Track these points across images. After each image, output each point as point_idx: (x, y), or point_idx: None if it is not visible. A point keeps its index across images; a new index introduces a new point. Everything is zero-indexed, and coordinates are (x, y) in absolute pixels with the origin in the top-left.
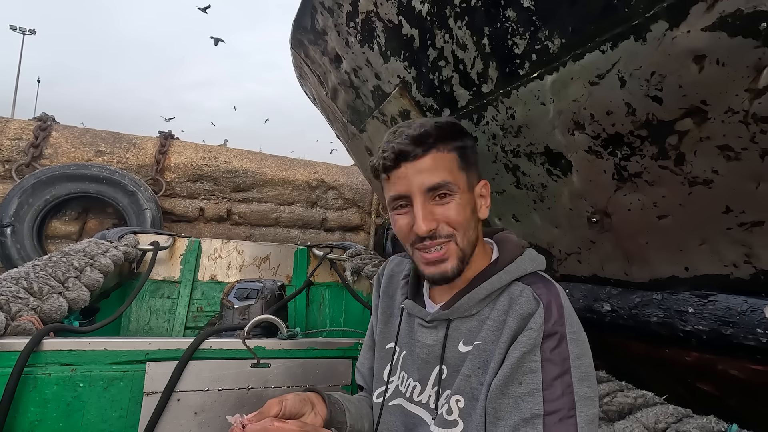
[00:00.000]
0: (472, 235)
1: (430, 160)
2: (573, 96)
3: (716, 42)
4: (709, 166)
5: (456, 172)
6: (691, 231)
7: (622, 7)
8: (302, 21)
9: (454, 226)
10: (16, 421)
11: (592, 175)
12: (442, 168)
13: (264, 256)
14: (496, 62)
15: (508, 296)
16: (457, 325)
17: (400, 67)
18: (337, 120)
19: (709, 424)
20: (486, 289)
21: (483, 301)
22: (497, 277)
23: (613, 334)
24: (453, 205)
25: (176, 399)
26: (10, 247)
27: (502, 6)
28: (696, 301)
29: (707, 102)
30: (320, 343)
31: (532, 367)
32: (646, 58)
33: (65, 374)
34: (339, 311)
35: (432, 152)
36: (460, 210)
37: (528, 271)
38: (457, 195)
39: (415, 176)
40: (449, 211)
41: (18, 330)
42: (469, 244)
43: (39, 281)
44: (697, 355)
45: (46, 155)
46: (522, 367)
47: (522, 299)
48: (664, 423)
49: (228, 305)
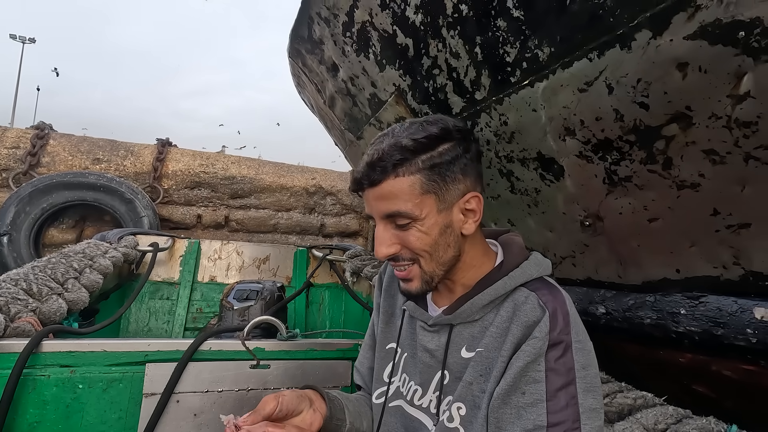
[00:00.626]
0: (444, 256)
1: (387, 187)
2: (563, 102)
3: (698, 50)
4: (695, 170)
5: (417, 197)
6: (680, 233)
7: (607, 17)
8: (299, 31)
9: (416, 252)
10: (15, 423)
11: (584, 179)
12: (399, 196)
13: (263, 257)
14: (488, 70)
15: (513, 302)
16: (460, 330)
17: (395, 75)
18: (335, 127)
19: (708, 425)
20: (490, 295)
21: (486, 306)
22: (502, 282)
23: (608, 337)
24: (412, 232)
25: (176, 400)
26: (7, 255)
27: (493, 16)
28: (688, 303)
29: (692, 108)
30: (320, 345)
31: (536, 377)
32: (632, 65)
33: (64, 376)
34: (338, 312)
35: (389, 178)
36: (421, 237)
37: (533, 276)
38: (417, 222)
39: (374, 202)
40: (408, 238)
41: (17, 331)
42: (440, 265)
43: (38, 282)
44: (690, 356)
45: (43, 164)
46: (525, 377)
47: (527, 306)
48: (664, 424)
49: (227, 306)
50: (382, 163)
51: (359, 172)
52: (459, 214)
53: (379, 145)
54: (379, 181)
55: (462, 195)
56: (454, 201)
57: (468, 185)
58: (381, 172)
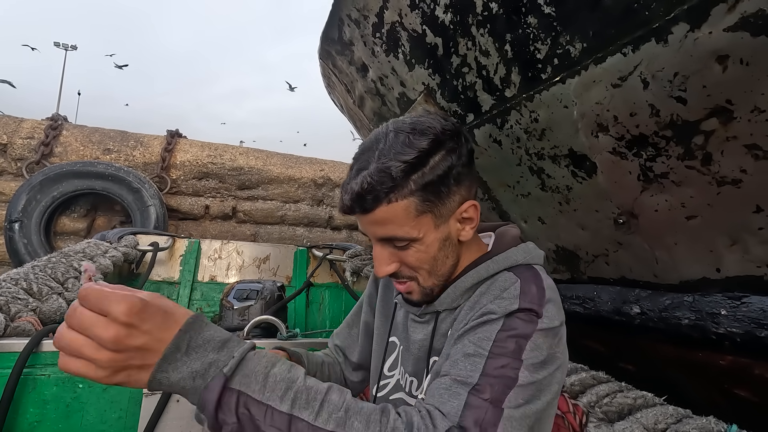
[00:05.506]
0: (442, 269)
1: (380, 214)
2: (596, 98)
3: (739, 42)
4: (737, 166)
5: (412, 220)
6: (721, 231)
7: (642, 11)
8: (330, 33)
9: (415, 270)
10: (16, 422)
11: (618, 176)
12: (393, 221)
13: (263, 256)
14: (518, 67)
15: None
16: (444, 317)
17: (424, 74)
18: (364, 127)
19: (708, 425)
20: (472, 278)
21: (469, 290)
22: (484, 266)
23: (642, 337)
24: (411, 252)
25: (175, 400)
26: (18, 241)
27: (524, 13)
28: (729, 303)
29: (732, 101)
30: (320, 344)
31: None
32: (669, 59)
33: (64, 375)
34: (338, 312)
35: (382, 206)
36: (420, 255)
37: (518, 262)
38: (415, 243)
39: (368, 226)
40: (407, 258)
41: (17, 331)
42: (438, 277)
43: (38, 282)
44: (731, 359)
45: (56, 153)
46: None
47: (500, 279)
48: (664, 423)
49: (227, 306)
50: (373, 193)
51: (349, 200)
52: (456, 224)
53: (365, 169)
54: (371, 210)
55: (458, 205)
56: (451, 213)
57: (463, 194)
58: (372, 201)
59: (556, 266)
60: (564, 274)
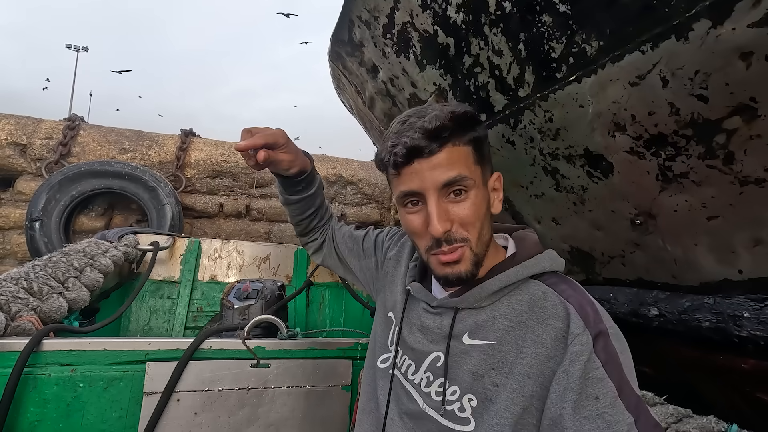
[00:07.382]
0: (485, 235)
1: (445, 155)
2: (613, 97)
3: (764, 38)
4: (761, 165)
5: (471, 166)
6: (743, 232)
7: (661, 8)
8: (340, 34)
9: (468, 228)
10: (16, 422)
11: (635, 176)
12: (458, 162)
13: (264, 256)
14: (532, 67)
15: (528, 296)
16: (464, 315)
17: (435, 74)
18: (374, 128)
19: (709, 424)
20: (501, 282)
21: (495, 294)
22: (514, 270)
23: (661, 339)
24: (468, 204)
25: (176, 399)
26: (38, 240)
27: (538, 12)
28: (752, 306)
29: (757, 99)
30: (320, 344)
31: (598, 375)
32: (689, 57)
33: (65, 374)
34: (339, 311)
35: (447, 146)
36: (475, 209)
37: (546, 269)
38: (472, 191)
39: (429, 172)
40: (464, 211)
41: (18, 330)
42: (483, 245)
43: (39, 281)
44: (754, 362)
45: (74, 153)
46: (589, 379)
47: (547, 304)
48: (664, 423)
49: (228, 305)
50: (444, 132)
51: (419, 137)
52: (491, 191)
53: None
54: (439, 149)
55: (491, 173)
56: (488, 178)
57: (491, 166)
58: (443, 141)
59: (570, 267)
60: (578, 276)
